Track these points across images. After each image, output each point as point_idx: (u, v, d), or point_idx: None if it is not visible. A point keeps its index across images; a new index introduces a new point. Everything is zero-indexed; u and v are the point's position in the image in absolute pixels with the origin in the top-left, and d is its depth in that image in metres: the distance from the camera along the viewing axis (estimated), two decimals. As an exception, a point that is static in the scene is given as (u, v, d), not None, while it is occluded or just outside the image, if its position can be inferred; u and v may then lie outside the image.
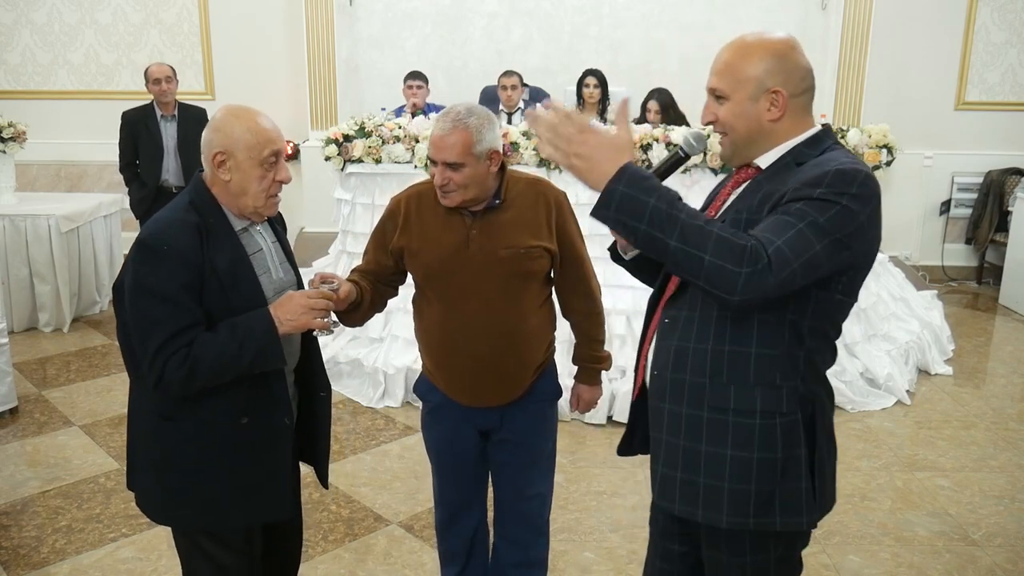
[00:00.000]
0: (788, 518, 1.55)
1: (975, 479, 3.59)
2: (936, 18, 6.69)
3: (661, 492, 1.65)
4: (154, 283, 1.72)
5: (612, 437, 3.94)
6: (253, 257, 1.85)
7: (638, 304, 4.29)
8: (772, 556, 1.62)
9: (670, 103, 5.63)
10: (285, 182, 1.85)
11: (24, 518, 3.18)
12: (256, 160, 1.78)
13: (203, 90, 6.85)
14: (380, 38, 6.93)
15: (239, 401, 1.81)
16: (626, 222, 1.40)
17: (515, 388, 2.20)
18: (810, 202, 1.43)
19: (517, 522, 2.35)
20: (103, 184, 6.85)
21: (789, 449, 1.55)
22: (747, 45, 1.57)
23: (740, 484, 1.54)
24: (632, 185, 1.39)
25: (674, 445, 1.61)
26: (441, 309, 2.16)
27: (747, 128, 1.58)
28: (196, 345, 1.73)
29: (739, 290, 1.37)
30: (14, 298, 5.30)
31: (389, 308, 4.44)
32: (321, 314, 1.81)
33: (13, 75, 6.85)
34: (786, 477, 1.54)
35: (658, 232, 1.38)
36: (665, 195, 1.40)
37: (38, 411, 4.17)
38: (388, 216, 2.24)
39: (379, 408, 4.23)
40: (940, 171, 6.89)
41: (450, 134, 1.98)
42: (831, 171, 1.45)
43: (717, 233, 1.37)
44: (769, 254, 1.37)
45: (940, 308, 5.43)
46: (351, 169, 4.64)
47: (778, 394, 1.54)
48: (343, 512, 3.25)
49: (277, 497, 1.90)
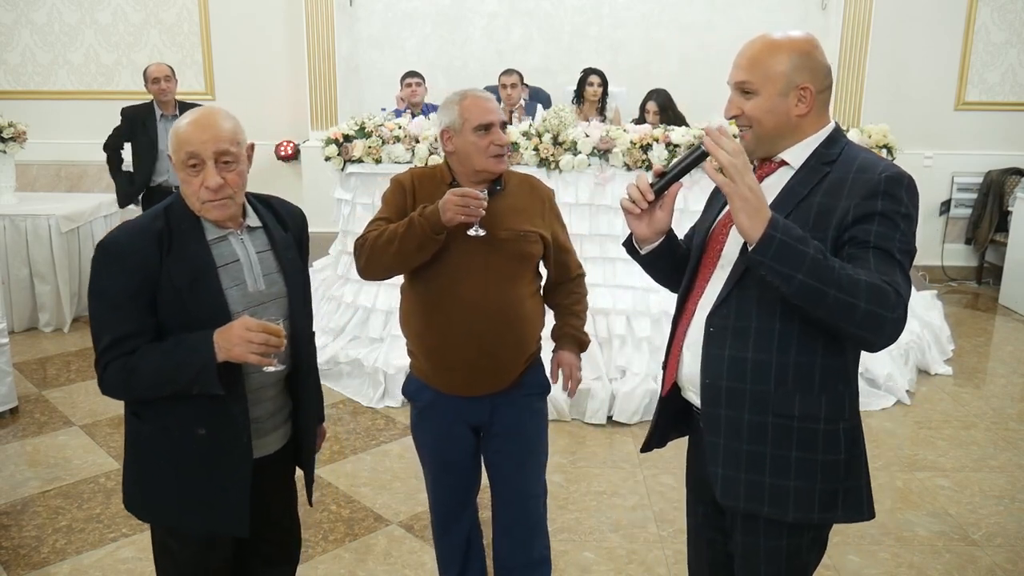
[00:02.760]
0: (850, 513, 1.65)
1: (975, 479, 3.59)
2: (936, 18, 6.69)
3: (724, 492, 1.69)
4: (104, 287, 1.72)
5: (612, 437, 3.94)
6: (225, 268, 1.79)
7: (638, 304, 4.29)
8: (806, 538, 1.69)
9: (668, 103, 5.64)
10: (210, 188, 1.71)
11: (24, 518, 3.18)
12: (181, 164, 1.73)
13: (203, 90, 6.85)
14: (380, 38, 6.93)
15: (196, 412, 1.78)
16: (781, 270, 1.44)
17: (507, 374, 2.22)
18: (883, 221, 1.51)
19: (518, 521, 2.35)
20: (103, 184, 6.83)
21: (851, 450, 1.64)
22: (776, 42, 1.61)
23: (805, 483, 1.62)
24: (787, 233, 1.44)
25: (735, 449, 1.66)
26: (438, 289, 2.17)
27: (775, 123, 1.61)
28: (138, 355, 1.71)
29: (887, 333, 1.47)
30: (14, 298, 5.30)
31: (389, 308, 4.50)
32: (259, 348, 1.65)
33: (13, 75, 6.85)
34: (849, 476, 1.64)
35: (816, 282, 1.43)
36: (816, 244, 1.45)
37: (38, 411, 4.17)
38: (396, 186, 2.26)
39: (379, 408, 4.23)
40: (940, 171, 6.89)
41: (492, 99, 2.19)
42: (882, 179, 1.53)
43: (866, 280, 1.45)
44: (903, 297, 1.47)
45: (940, 308, 5.43)
46: (351, 169, 4.64)
47: (841, 401, 1.62)
48: (343, 512, 3.25)
49: (231, 513, 1.84)
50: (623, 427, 4.03)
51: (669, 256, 1.78)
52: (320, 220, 5.82)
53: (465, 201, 2.00)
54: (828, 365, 1.60)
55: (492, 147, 2.13)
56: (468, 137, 2.13)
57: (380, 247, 2.12)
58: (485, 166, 2.15)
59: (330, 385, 4.27)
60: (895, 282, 1.47)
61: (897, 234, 1.51)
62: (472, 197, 2.01)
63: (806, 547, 1.70)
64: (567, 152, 4.40)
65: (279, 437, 1.99)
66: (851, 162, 1.59)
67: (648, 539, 3.10)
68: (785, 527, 1.65)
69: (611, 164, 4.41)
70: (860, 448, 1.66)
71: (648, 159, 4.40)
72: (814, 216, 1.56)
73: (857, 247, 1.52)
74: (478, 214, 2.03)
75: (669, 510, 3.25)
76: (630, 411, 4.05)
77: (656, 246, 1.74)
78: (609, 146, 4.41)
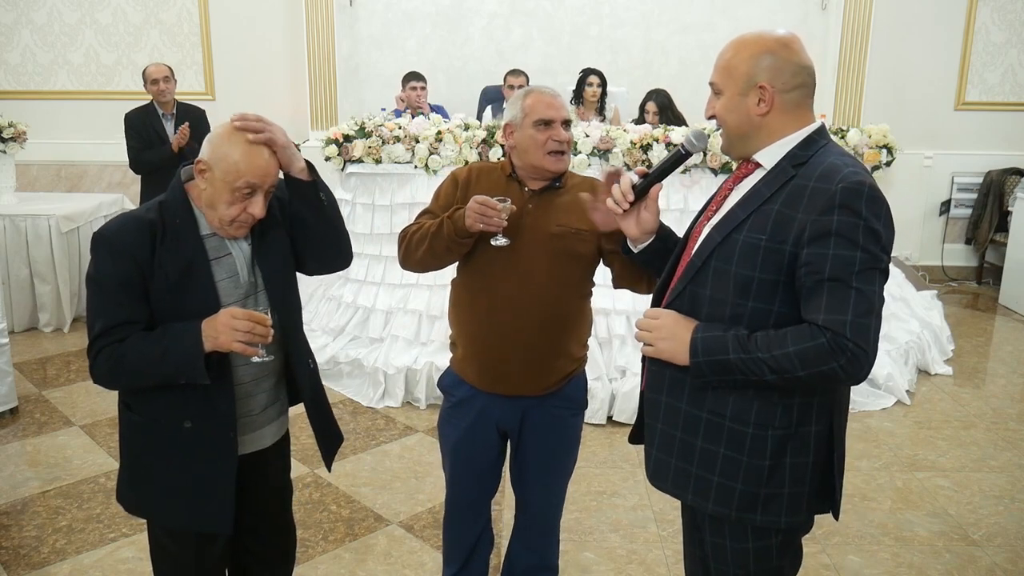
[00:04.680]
0: (769, 517, 1.63)
1: (975, 479, 3.59)
2: (936, 18, 6.70)
3: (654, 474, 1.75)
4: (98, 276, 1.75)
5: (612, 437, 3.94)
6: (219, 261, 1.81)
7: (638, 304, 4.29)
8: (774, 542, 1.68)
9: (668, 104, 5.64)
10: (256, 216, 1.78)
11: (24, 518, 3.18)
12: (229, 185, 1.74)
13: (203, 90, 6.85)
14: (380, 38, 6.93)
15: (183, 404, 1.80)
16: (722, 378, 1.56)
17: (544, 377, 2.21)
18: (839, 242, 1.47)
19: (535, 528, 2.38)
20: (103, 184, 6.86)
21: (776, 458, 1.61)
22: (742, 42, 1.62)
23: (727, 480, 1.63)
24: (708, 351, 1.55)
25: (670, 435, 1.69)
26: (485, 281, 2.17)
27: (737, 121, 1.62)
28: (127, 343, 1.73)
29: (844, 377, 1.48)
30: (14, 298, 5.30)
31: (389, 308, 4.51)
32: (244, 337, 1.68)
33: (13, 75, 6.85)
34: (771, 483, 1.62)
35: (752, 375, 1.52)
36: (737, 343, 1.53)
37: (38, 411, 4.17)
38: (450, 180, 2.26)
39: (379, 408, 4.23)
40: (940, 171, 6.89)
41: (558, 97, 2.16)
42: (837, 191, 1.48)
43: (793, 349, 1.48)
44: (849, 337, 1.45)
45: (940, 308, 5.43)
46: (351, 169, 4.64)
47: (773, 409, 1.59)
48: (343, 512, 3.25)
49: (215, 508, 1.85)
50: (623, 427, 4.02)
51: (664, 254, 1.79)
52: (320, 220, 5.83)
53: (483, 210, 2.00)
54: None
55: (550, 143, 2.12)
56: (527, 131, 2.13)
57: (415, 244, 2.16)
58: (542, 163, 2.13)
59: (330, 385, 4.27)
60: (838, 324, 1.44)
61: (857, 253, 1.46)
62: (490, 207, 2.00)
63: (776, 551, 1.68)
64: (567, 152, 4.39)
65: (273, 432, 1.99)
66: (816, 167, 1.55)
67: (648, 539, 3.10)
68: (750, 529, 1.65)
69: (611, 164, 4.41)
70: (786, 456, 1.60)
71: (648, 159, 4.40)
72: (772, 224, 1.55)
73: (811, 276, 1.49)
74: (497, 224, 2.02)
75: (669, 510, 3.25)
76: (630, 411, 4.05)
77: (648, 245, 1.78)
78: (609, 146, 4.42)
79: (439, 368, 4.16)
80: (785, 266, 1.53)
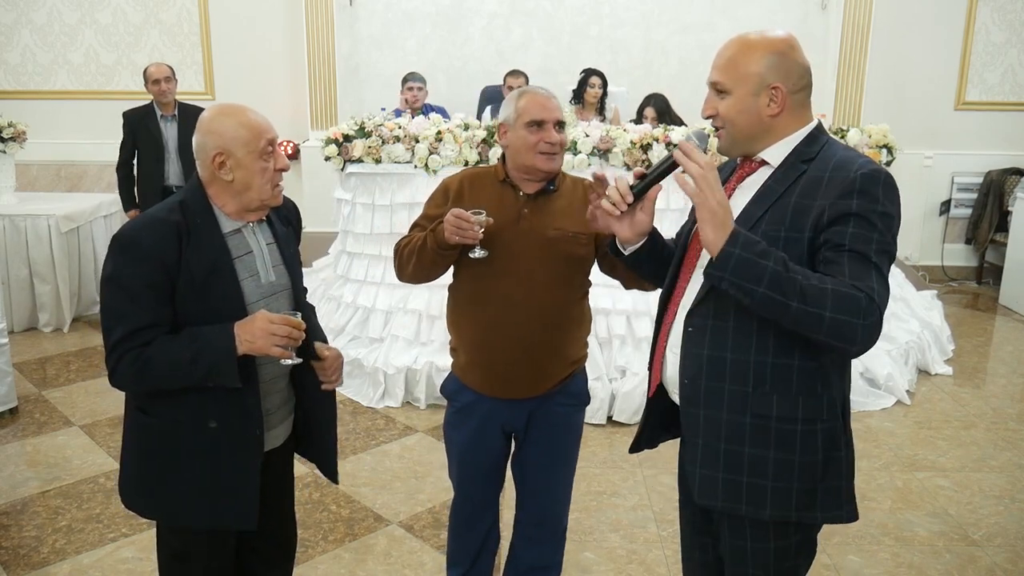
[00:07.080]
0: (828, 513, 1.64)
1: (975, 479, 3.59)
2: (936, 18, 6.70)
3: (701, 492, 1.70)
4: (122, 278, 1.73)
5: (612, 437, 3.94)
6: (241, 260, 1.82)
7: (638, 304, 4.29)
8: (793, 541, 1.69)
9: (666, 108, 5.63)
10: (285, 170, 1.84)
11: (24, 518, 3.18)
12: (255, 153, 1.77)
13: (203, 90, 6.85)
14: (380, 38, 6.93)
15: (208, 405, 1.79)
16: (741, 284, 1.46)
17: (547, 379, 2.21)
18: (859, 222, 1.49)
19: (541, 528, 2.38)
20: (103, 184, 6.85)
21: (828, 451, 1.63)
22: (750, 42, 1.62)
23: (782, 483, 1.62)
24: (747, 248, 1.45)
25: (714, 448, 1.66)
26: (483, 287, 2.17)
27: (748, 123, 1.62)
28: (153, 346, 1.72)
29: (859, 340, 1.45)
30: (14, 298, 5.30)
31: (389, 308, 4.50)
32: (282, 341, 1.72)
33: (13, 75, 6.85)
34: (827, 476, 1.63)
35: (778, 295, 1.44)
36: (779, 257, 1.46)
37: (38, 411, 4.17)
38: (442, 189, 2.26)
39: (379, 408, 4.23)
40: (940, 171, 6.89)
41: (551, 98, 2.14)
42: (857, 177, 1.51)
43: (832, 289, 1.44)
44: (877, 304, 1.45)
45: (940, 308, 5.43)
46: (351, 169, 4.64)
47: (819, 403, 1.61)
48: (343, 512, 3.25)
49: (240, 506, 1.85)
50: (623, 427, 4.03)
51: (654, 256, 1.78)
52: (320, 220, 5.84)
53: (458, 223, 2.00)
54: (805, 367, 1.59)
55: (542, 144, 2.11)
56: (519, 132, 2.12)
57: (406, 258, 2.18)
58: (533, 163, 2.12)
59: (330, 385, 4.27)
60: (868, 287, 1.45)
61: (874, 234, 1.49)
62: (464, 219, 2.00)
63: (794, 550, 1.69)
64: (567, 152, 4.39)
65: (285, 429, 2.01)
66: (828, 160, 1.58)
67: (648, 539, 3.10)
68: (770, 529, 1.65)
69: (611, 164, 4.41)
70: (840, 450, 1.64)
71: (648, 159, 4.40)
72: (790, 215, 1.56)
73: (832, 250, 1.50)
74: (472, 236, 2.01)
75: (669, 510, 3.25)
76: (630, 411, 4.05)
77: (639, 247, 1.76)
78: (609, 146, 4.42)
79: (439, 368, 4.16)
80: (806, 254, 1.53)
